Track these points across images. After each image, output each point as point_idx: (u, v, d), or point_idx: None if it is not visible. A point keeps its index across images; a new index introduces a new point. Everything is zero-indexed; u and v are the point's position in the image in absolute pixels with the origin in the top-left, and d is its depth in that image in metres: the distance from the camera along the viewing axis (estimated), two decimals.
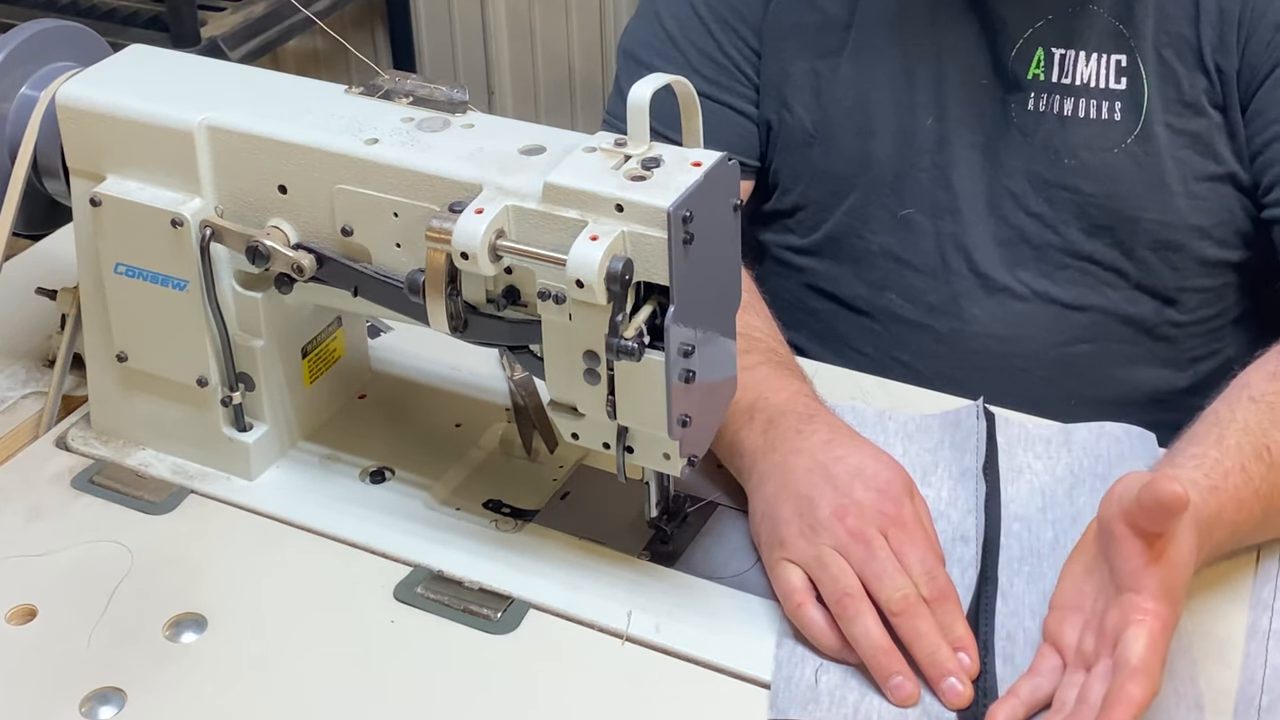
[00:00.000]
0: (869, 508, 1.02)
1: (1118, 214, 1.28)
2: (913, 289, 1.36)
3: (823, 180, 1.37)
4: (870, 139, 1.34)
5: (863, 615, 0.99)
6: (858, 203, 1.36)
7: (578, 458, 1.17)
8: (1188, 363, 1.35)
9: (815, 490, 1.04)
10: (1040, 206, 1.30)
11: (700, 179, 0.94)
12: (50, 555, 1.11)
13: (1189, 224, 1.28)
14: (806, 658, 1.00)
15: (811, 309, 1.42)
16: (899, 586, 0.99)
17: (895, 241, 1.36)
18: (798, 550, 1.02)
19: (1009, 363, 1.34)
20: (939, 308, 1.36)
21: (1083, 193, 1.28)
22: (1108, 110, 1.26)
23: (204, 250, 1.08)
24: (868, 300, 1.38)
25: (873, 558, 1.00)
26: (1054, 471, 1.15)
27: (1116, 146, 1.27)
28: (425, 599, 1.06)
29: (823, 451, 1.07)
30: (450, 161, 1.00)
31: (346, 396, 1.24)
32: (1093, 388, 1.33)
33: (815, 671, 0.99)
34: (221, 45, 2.49)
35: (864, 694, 0.98)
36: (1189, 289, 1.32)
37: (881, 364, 1.37)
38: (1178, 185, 1.27)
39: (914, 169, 1.33)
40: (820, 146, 1.36)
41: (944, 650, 0.98)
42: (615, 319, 0.93)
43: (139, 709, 0.99)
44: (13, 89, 1.17)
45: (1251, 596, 1.05)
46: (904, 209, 1.34)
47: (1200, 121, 1.26)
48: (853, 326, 1.40)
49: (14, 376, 1.28)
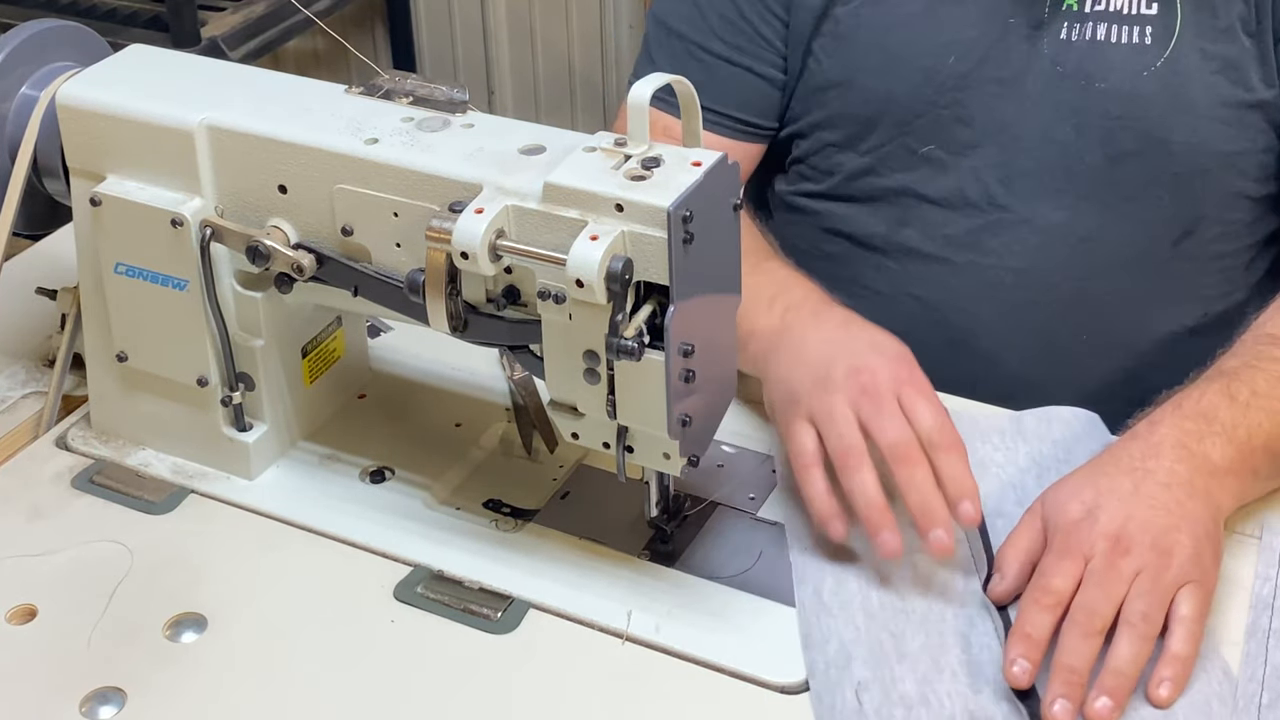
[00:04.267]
0: (882, 370, 1.08)
1: (1145, 136, 1.29)
2: (930, 223, 1.37)
3: (842, 122, 1.38)
4: (891, 79, 1.35)
5: (862, 470, 1.04)
6: (877, 143, 1.37)
7: (578, 458, 1.17)
8: (1200, 301, 1.35)
9: (831, 354, 1.10)
10: (1066, 134, 1.31)
11: (700, 179, 0.94)
12: (50, 555, 1.11)
13: (1215, 149, 1.29)
14: (842, 678, 0.99)
15: (827, 253, 1.43)
16: (900, 435, 1.04)
17: (914, 179, 1.37)
18: (809, 404, 1.08)
19: (1023, 296, 1.35)
20: (956, 240, 1.36)
21: (1111, 115, 1.29)
22: (1139, 35, 1.27)
23: (204, 250, 1.08)
24: (884, 238, 1.39)
25: (879, 411, 1.06)
26: (1017, 462, 1.16)
27: (1147, 69, 1.28)
28: (425, 599, 1.06)
29: (839, 329, 1.14)
30: (450, 161, 1.00)
31: (346, 396, 1.24)
32: (1104, 323, 1.34)
33: (856, 692, 0.98)
34: (221, 45, 2.49)
35: (909, 709, 0.96)
36: (1209, 219, 1.32)
37: (895, 300, 1.38)
38: (1206, 109, 1.28)
39: (935, 107, 1.34)
40: (839, 89, 1.37)
41: (936, 501, 1.03)
42: (615, 319, 0.93)
43: (139, 709, 0.99)
44: (13, 89, 1.17)
45: (1252, 596, 1.06)
46: (924, 146, 1.35)
47: (1233, 48, 1.27)
48: (867, 265, 1.40)
49: (14, 376, 1.28)
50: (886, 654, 1.00)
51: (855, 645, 1.00)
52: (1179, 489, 1.04)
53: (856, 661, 0.99)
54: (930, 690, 0.98)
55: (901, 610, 1.04)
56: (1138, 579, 1.00)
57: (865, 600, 1.04)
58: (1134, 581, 1.00)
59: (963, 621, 1.03)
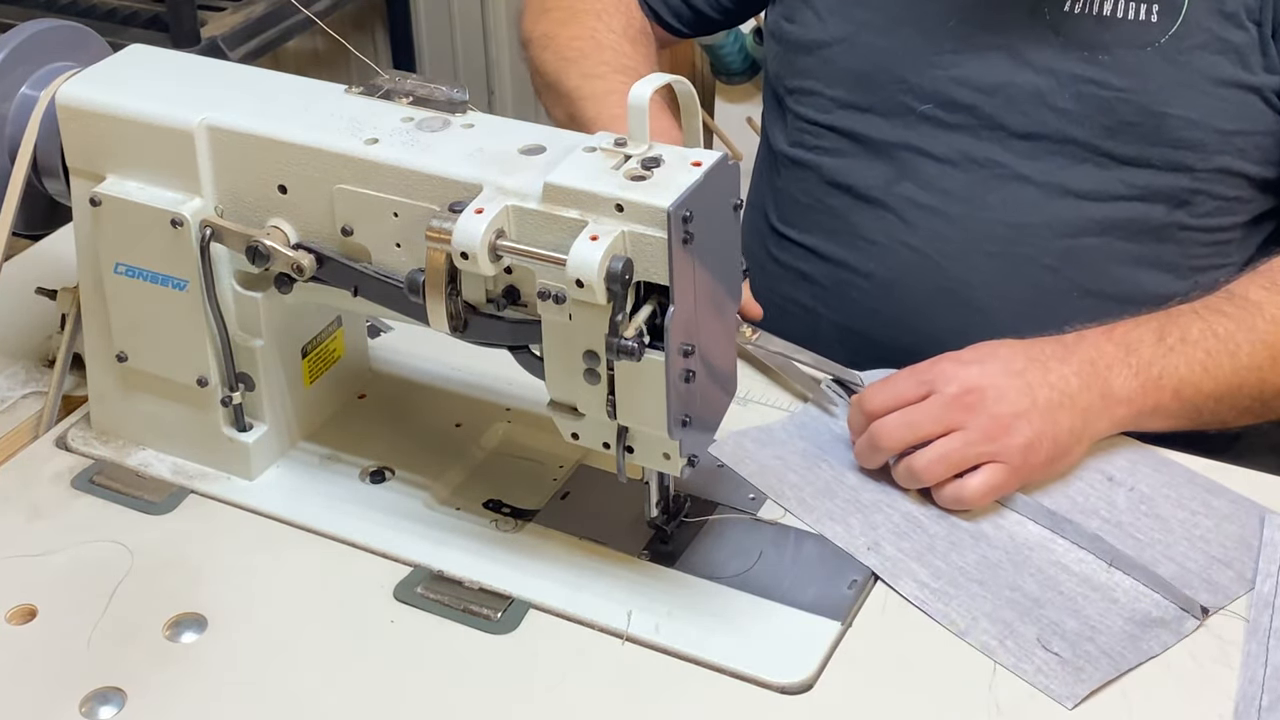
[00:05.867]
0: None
1: (1144, 109, 1.30)
2: (928, 176, 1.39)
3: (842, 80, 1.41)
4: (890, 39, 1.38)
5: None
6: (877, 100, 1.39)
7: (578, 458, 1.17)
8: (1190, 271, 1.36)
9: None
10: (1066, 102, 1.32)
11: (700, 179, 0.94)
12: (50, 555, 1.11)
13: (1213, 126, 1.30)
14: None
15: (828, 206, 1.44)
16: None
17: (913, 136, 1.39)
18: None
19: (1016, 249, 1.36)
20: (953, 193, 1.38)
21: (1112, 87, 1.31)
22: (1145, 11, 1.29)
23: (204, 250, 1.08)
24: (882, 189, 1.41)
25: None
26: None
27: (1150, 44, 1.29)
28: (425, 599, 1.06)
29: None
30: (450, 161, 1.00)
31: (346, 396, 1.24)
32: (1095, 282, 1.35)
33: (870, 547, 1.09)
34: (221, 45, 2.49)
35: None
36: (1203, 193, 1.33)
37: (891, 251, 1.39)
38: (1206, 85, 1.29)
39: (933, 67, 1.36)
40: (839, 46, 1.40)
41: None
42: (615, 319, 0.93)
43: (139, 709, 0.99)
44: (13, 89, 1.17)
45: (1252, 595, 1.06)
46: (923, 105, 1.37)
47: (1238, 34, 1.28)
48: (865, 216, 1.42)
49: (14, 376, 1.28)
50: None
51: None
52: (1058, 393, 1.12)
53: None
54: None
55: None
56: (955, 433, 1.09)
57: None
58: (950, 433, 1.09)
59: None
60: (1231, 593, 1.05)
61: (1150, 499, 1.13)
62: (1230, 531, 1.10)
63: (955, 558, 1.08)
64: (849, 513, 1.12)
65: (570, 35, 1.48)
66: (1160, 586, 1.05)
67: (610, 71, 1.42)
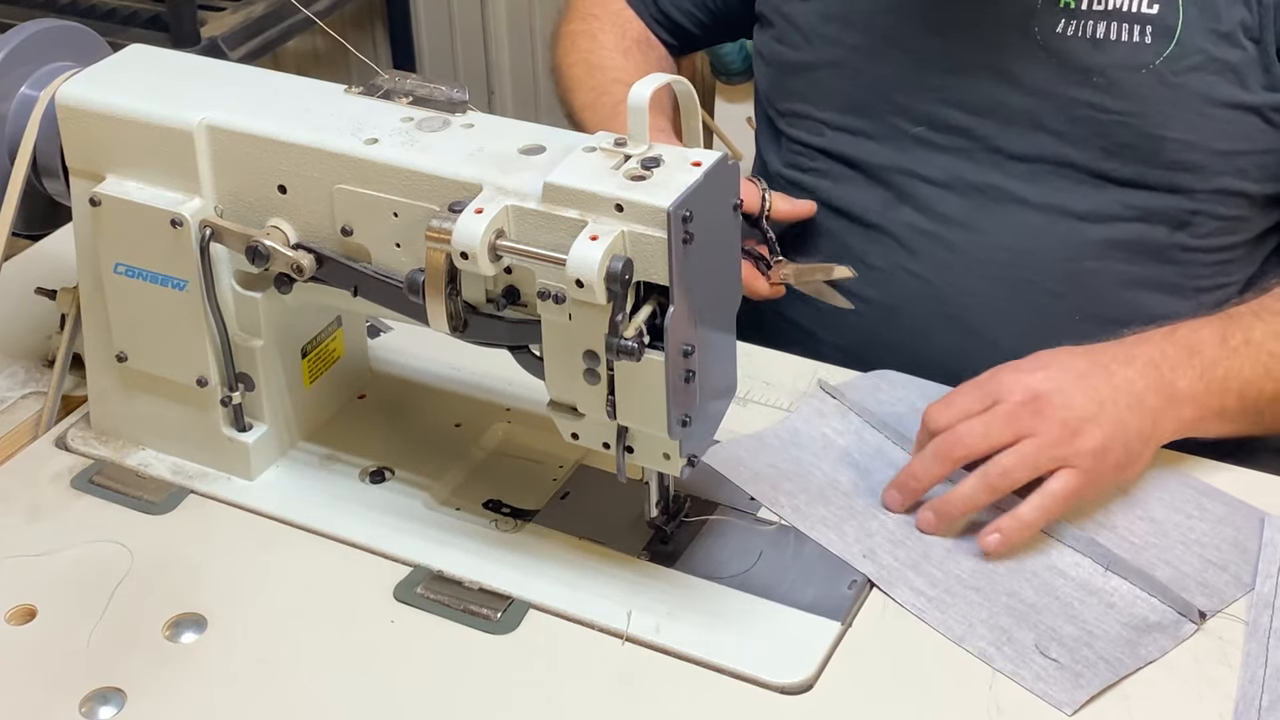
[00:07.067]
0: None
1: (1141, 132, 1.29)
2: (925, 201, 1.38)
3: (832, 102, 1.41)
4: (879, 60, 1.37)
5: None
6: (870, 123, 1.39)
7: (577, 458, 1.17)
8: (1193, 292, 1.36)
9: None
10: (1061, 124, 1.32)
11: (700, 179, 0.94)
12: (50, 555, 1.11)
13: (1210, 147, 1.29)
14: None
15: (826, 229, 1.44)
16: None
17: (908, 159, 1.38)
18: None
19: (1017, 273, 1.35)
20: (952, 217, 1.37)
21: (1108, 110, 1.30)
22: (1139, 33, 1.28)
23: (204, 250, 1.08)
24: (879, 213, 1.40)
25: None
26: None
27: (1145, 66, 1.28)
28: (425, 599, 1.06)
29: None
30: (450, 161, 1.00)
31: (346, 397, 1.24)
32: (1096, 305, 1.35)
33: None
34: (221, 45, 2.49)
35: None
36: (1203, 214, 1.32)
37: (892, 275, 1.39)
38: (1203, 107, 1.28)
39: (924, 89, 1.36)
40: (828, 69, 1.40)
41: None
42: (615, 319, 0.93)
43: (139, 709, 0.99)
44: (12, 89, 1.17)
45: (1252, 595, 1.06)
46: (915, 128, 1.37)
47: (1235, 53, 1.27)
48: (864, 241, 1.41)
49: (14, 376, 1.28)
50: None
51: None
52: (1125, 395, 1.10)
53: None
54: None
55: None
56: (1026, 440, 1.07)
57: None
58: (1021, 440, 1.07)
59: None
60: (1227, 596, 1.05)
61: (1144, 503, 1.13)
62: (1226, 535, 1.10)
63: (951, 565, 1.08)
64: (843, 519, 1.11)
65: (569, 64, 1.56)
66: (1157, 590, 1.05)
67: (599, 96, 1.48)
